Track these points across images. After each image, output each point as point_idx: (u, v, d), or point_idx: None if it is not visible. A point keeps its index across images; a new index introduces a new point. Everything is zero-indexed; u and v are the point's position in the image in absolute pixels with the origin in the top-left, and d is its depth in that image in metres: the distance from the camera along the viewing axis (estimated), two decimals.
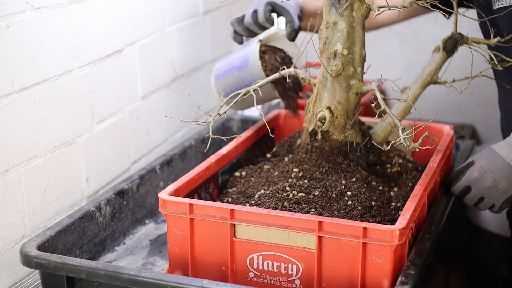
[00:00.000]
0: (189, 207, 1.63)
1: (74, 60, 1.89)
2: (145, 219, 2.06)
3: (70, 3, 1.85)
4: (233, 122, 2.53)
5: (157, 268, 1.84)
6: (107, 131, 2.06)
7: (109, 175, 2.08)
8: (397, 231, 1.51)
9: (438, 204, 1.82)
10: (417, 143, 1.62)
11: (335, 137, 1.81)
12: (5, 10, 1.65)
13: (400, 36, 2.90)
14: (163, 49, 2.30)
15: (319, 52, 1.80)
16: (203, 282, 1.49)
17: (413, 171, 1.90)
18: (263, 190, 1.74)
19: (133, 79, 2.16)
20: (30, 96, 1.76)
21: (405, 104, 1.85)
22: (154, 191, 2.09)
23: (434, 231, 1.70)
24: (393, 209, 1.72)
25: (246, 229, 1.61)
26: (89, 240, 1.83)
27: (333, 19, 1.77)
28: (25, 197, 1.77)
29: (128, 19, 2.10)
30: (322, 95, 1.82)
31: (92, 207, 1.85)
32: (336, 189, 1.72)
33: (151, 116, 2.26)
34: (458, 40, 1.83)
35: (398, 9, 1.74)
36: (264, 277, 1.62)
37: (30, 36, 1.73)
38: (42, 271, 1.61)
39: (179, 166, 2.21)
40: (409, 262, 1.56)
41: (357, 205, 1.67)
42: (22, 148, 1.74)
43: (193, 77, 2.50)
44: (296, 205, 1.67)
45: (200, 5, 2.49)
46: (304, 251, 1.58)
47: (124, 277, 1.53)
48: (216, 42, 2.63)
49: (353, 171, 1.80)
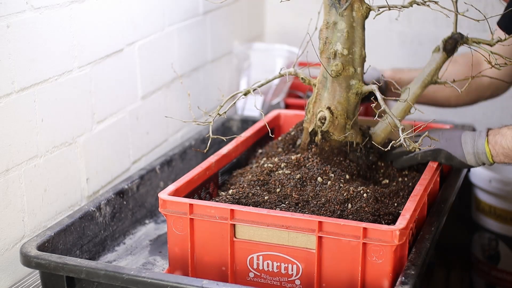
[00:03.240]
0: (189, 207, 1.63)
1: (74, 60, 1.89)
2: (145, 219, 2.06)
3: (70, 3, 1.85)
4: (233, 122, 2.53)
5: (157, 268, 1.84)
6: (107, 131, 2.06)
7: (109, 175, 2.08)
8: (397, 231, 1.51)
9: (438, 204, 1.82)
10: (417, 143, 1.62)
11: (335, 137, 1.81)
12: (5, 10, 1.65)
13: (400, 36, 2.90)
14: (163, 49, 2.30)
15: (319, 52, 1.80)
16: (203, 282, 1.49)
17: (413, 171, 1.90)
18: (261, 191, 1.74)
19: (133, 79, 2.16)
20: (30, 96, 1.75)
21: (405, 104, 1.85)
22: (154, 191, 2.09)
23: (434, 231, 1.70)
24: (393, 209, 1.72)
25: (246, 229, 1.61)
26: (89, 240, 1.83)
27: (333, 19, 1.77)
28: (25, 197, 1.76)
29: (128, 19, 2.10)
30: (322, 95, 1.82)
31: (92, 207, 1.85)
32: (336, 190, 1.72)
33: (151, 116, 2.26)
34: (458, 40, 1.83)
35: (398, 9, 1.74)
36: (264, 277, 1.62)
37: (30, 36, 1.73)
38: (42, 271, 1.61)
39: (179, 166, 2.21)
40: (409, 262, 1.56)
41: (357, 205, 1.67)
42: (22, 148, 1.74)
43: (193, 77, 2.50)
44: (296, 205, 1.67)
45: (200, 5, 2.49)
46: (304, 251, 1.58)
47: (124, 277, 1.53)
48: (216, 42, 2.63)
49: (353, 171, 1.80)
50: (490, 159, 1.81)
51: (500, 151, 1.79)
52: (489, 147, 1.80)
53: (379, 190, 1.74)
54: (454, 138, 1.86)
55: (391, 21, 2.88)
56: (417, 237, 1.67)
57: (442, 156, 1.85)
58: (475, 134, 1.84)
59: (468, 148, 1.83)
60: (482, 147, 1.81)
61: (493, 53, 1.78)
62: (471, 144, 1.83)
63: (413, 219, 1.62)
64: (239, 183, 1.77)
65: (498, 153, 1.79)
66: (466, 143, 1.84)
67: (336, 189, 1.72)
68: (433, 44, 1.96)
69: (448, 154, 1.85)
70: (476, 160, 1.83)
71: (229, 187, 1.81)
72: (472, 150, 1.83)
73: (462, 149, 1.84)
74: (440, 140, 1.85)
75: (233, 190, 1.74)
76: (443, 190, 1.90)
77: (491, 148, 1.80)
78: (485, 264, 2.68)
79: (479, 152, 1.82)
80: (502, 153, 1.79)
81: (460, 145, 1.85)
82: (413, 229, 1.67)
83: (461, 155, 1.84)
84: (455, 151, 1.85)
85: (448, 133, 1.89)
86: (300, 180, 1.75)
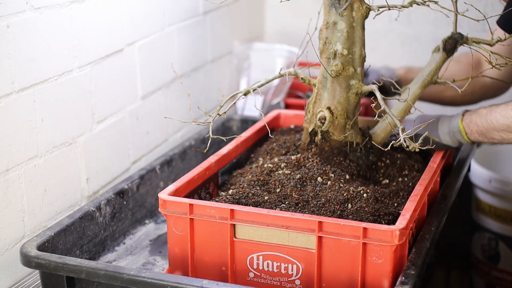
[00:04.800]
0: (189, 207, 1.63)
1: (74, 60, 1.89)
2: (145, 219, 2.06)
3: (70, 3, 1.85)
4: (233, 122, 2.53)
5: (157, 268, 1.84)
6: (107, 131, 2.06)
7: (109, 175, 2.08)
8: (397, 231, 1.51)
9: (438, 204, 1.82)
10: (417, 143, 1.62)
11: (335, 137, 1.81)
12: (5, 10, 1.65)
13: (400, 36, 2.90)
14: (163, 49, 2.30)
15: (319, 52, 1.80)
16: (203, 282, 1.49)
17: (413, 171, 1.90)
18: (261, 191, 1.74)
19: (133, 79, 2.16)
20: (30, 96, 1.75)
21: (405, 104, 1.85)
22: (154, 191, 2.09)
23: (434, 231, 1.70)
24: (393, 209, 1.72)
25: (246, 229, 1.61)
26: (89, 240, 1.83)
27: (333, 19, 1.77)
28: (25, 197, 1.76)
29: (128, 19, 2.10)
30: (322, 95, 1.82)
31: (92, 207, 1.85)
32: (336, 190, 1.72)
33: (151, 116, 2.26)
34: (458, 40, 1.83)
35: (398, 9, 1.74)
36: (264, 277, 1.62)
37: (30, 36, 1.73)
38: (42, 271, 1.61)
39: (179, 166, 2.21)
40: (409, 262, 1.56)
41: (357, 205, 1.67)
42: (22, 148, 1.74)
43: (193, 77, 2.50)
44: (296, 205, 1.67)
45: (200, 5, 2.49)
46: (304, 251, 1.58)
47: (124, 277, 1.53)
48: (216, 42, 2.63)
49: (353, 171, 1.80)
50: (465, 137, 1.87)
51: (475, 129, 1.85)
52: (463, 125, 1.87)
53: (379, 190, 1.74)
54: (433, 122, 1.92)
55: (391, 21, 2.88)
56: (417, 237, 1.67)
57: None
58: (452, 116, 1.92)
59: (443, 128, 1.90)
60: (456, 125, 1.88)
61: (493, 53, 1.78)
62: (446, 124, 1.90)
63: (413, 219, 1.62)
64: (239, 183, 1.77)
65: (473, 131, 1.86)
66: (442, 123, 1.91)
67: (336, 189, 1.72)
68: (433, 44, 1.96)
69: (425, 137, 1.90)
70: (452, 138, 1.89)
71: (229, 187, 1.81)
72: (447, 129, 1.89)
73: (438, 130, 1.91)
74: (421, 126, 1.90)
75: (233, 190, 1.74)
76: (443, 190, 1.90)
77: (465, 126, 1.86)
78: (485, 264, 2.68)
79: (454, 131, 1.88)
80: (476, 131, 1.85)
81: (436, 127, 1.91)
82: (413, 229, 1.67)
83: (437, 135, 1.90)
84: (432, 133, 1.90)
85: (427, 118, 1.93)
86: (300, 180, 1.75)
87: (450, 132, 1.89)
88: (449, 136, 1.90)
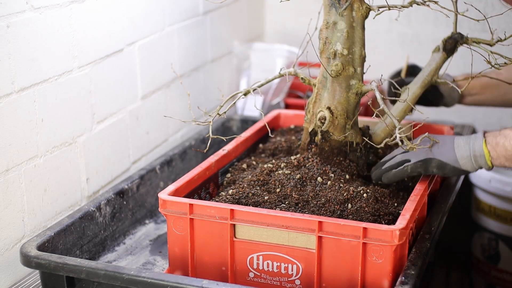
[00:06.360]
0: (189, 207, 1.63)
1: (74, 60, 1.89)
2: (145, 219, 2.06)
3: (70, 3, 1.85)
4: (233, 122, 2.53)
5: (157, 268, 1.84)
6: (107, 131, 2.06)
7: (109, 175, 2.08)
8: (397, 231, 1.51)
9: (438, 204, 1.82)
10: (414, 143, 1.62)
11: (335, 137, 1.81)
12: (5, 10, 1.65)
13: (400, 36, 2.90)
14: (163, 49, 2.30)
15: (319, 52, 1.80)
16: (203, 282, 1.49)
17: None
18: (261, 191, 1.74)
19: (133, 79, 2.16)
20: (30, 96, 1.75)
21: (404, 104, 1.85)
22: (154, 191, 2.09)
23: (434, 231, 1.70)
24: (393, 209, 1.72)
25: (246, 229, 1.61)
26: (89, 240, 1.83)
27: (333, 19, 1.77)
28: (25, 197, 1.76)
29: (128, 19, 2.10)
30: (322, 95, 1.82)
31: (92, 207, 1.85)
32: (336, 190, 1.72)
33: (151, 116, 2.26)
34: (458, 40, 1.83)
35: (398, 9, 1.74)
36: (264, 277, 1.62)
37: (30, 36, 1.73)
38: (42, 271, 1.61)
39: (179, 166, 2.21)
40: (409, 262, 1.56)
41: (357, 205, 1.67)
42: (22, 148, 1.74)
43: (193, 77, 2.50)
44: (296, 205, 1.67)
45: (200, 5, 2.49)
46: (304, 251, 1.58)
47: (124, 277, 1.53)
48: (216, 42, 2.63)
49: (353, 171, 1.80)
50: (488, 162, 1.69)
51: (502, 153, 1.67)
52: (488, 148, 1.68)
53: (379, 190, 1.74)
54: (446, 144, 1.74)
55: (391, 21, 2.88)
56: (417, 237, 1.67)
57: (434, 165, 1.73)
58: (470, 137, 1.73)
59: (462, 152, 1.71)
60: (480, 149, 1.69)
61: (493, 53, 1.78)
62: (465, 147, 1.71)
63: (413, 219, 1.62)
64: (239, 183, 1.77)
65: (499, 155, 1.68)
66: (459, 147, 1.72)
67: (336, 189, 1.72)
68: (433, 44, 1.96)
69: (439, 162, 1.72)
70: (473, 163, 1.71)
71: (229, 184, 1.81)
72: (467, 153, 1.71)
73: (455, 154, 1.72)
74: (431, 149, 1.74)
75: (233, 190, 1.74)
76: (443, 190, 1.90)
77: (490, 149, 1.68)
78: (485, 264, 2.68)
79: (476, 154, 1.70)
80: (504, 156, 1.67)
81: (452, 149, 1.72)
82: (413, 229, 1.67)
83: (454, 160, 1.71)
84: (448, 157, 1.72)
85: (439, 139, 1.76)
86: (300, 180, 1.75)
87: (472, 156, 1.70)
88: (469, 160, 1.70)
